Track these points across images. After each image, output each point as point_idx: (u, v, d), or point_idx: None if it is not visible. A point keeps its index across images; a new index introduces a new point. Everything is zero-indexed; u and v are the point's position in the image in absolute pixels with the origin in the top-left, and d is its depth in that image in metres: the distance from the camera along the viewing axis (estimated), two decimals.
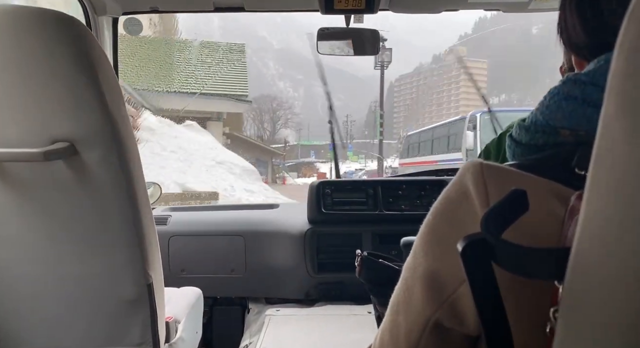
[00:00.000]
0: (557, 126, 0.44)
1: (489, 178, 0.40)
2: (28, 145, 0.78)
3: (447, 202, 0.43)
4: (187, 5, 1.49)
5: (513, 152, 0.48)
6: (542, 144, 0.44)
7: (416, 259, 0.45)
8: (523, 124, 0.47)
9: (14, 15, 0.74)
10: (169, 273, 1.67)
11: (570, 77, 0.45)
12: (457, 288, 0.40)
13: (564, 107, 0.44)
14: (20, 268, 0.88)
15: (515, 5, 1.40)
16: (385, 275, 0.77)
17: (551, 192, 0.38)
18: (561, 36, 0.54)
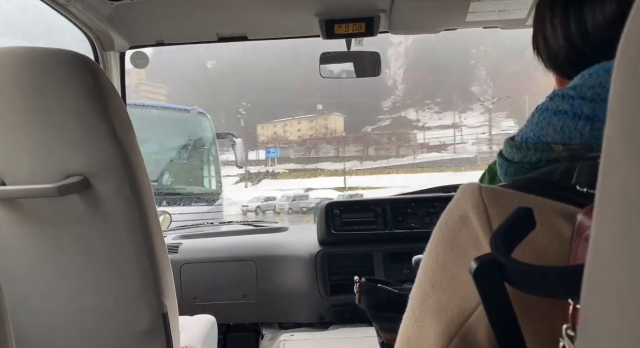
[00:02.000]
0: (549, 142, 0.44)
1: (489, 201, 0.39)
2: (42, 180, 0.80)
3: (446, 229, 0.43)
4: (192, 37, 1.53)
5: (505, 171, 0.47)
6: (535, 161, 0.44)
7: (423, 290, 0.44)
8: (513, 142, 0.47)
9: (31, 56, 0.77)
10: (182, 301, 1.67)
11: (557, 93, 0.45)
12: (467, 318, 0.39)
13: (554, 122, 0.44)
14: (37, 302, 0.89)
15: (514, 22, 1.43)
16: (385, 300, 0.77)
17: (554, 210, 0.38)
18: (539, 54, 0.53)
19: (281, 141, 8.67)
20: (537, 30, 0.53)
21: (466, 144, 13.60)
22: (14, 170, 0.81)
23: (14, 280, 0.87)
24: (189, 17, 1.39)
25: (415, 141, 13.21)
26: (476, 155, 13.43)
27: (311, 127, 10.24)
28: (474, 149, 13.54)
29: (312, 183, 7.64)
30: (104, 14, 1.29)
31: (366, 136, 12.36)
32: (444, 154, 13.06)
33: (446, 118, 14.23)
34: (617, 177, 0.22)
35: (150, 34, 1.47)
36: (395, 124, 13.08)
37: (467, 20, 1.41)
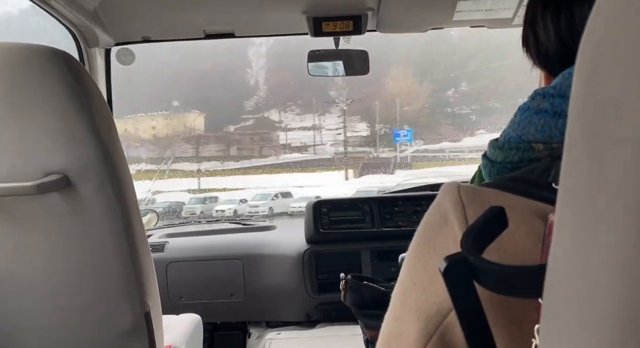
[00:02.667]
0: (530, 141, 0.44)
1: (466, 200, 0.39)
2: (21, 178, 0.79)
3: (428, 227, 0.43)
4: (178, 33, 1.51)
5: (489, 172, 0.48)
6: (517, 160, 0.44)
7: (405, 288, 0.44)
8: (496, 143, 0.47)
9: (9, 52, 0.76)
10: (168, 300, 1.66)
11: (538, 92, 0.46)
12: (445, 317, 0.40)
13: (535, 121, 0.44)
14: (17, 302, 0.88)
15: (500, 21, 1.44)
16: (371, 297, 0.77)
17: (530, 209, 0.38)
18: (529, 51, 0.53)
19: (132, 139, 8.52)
20: (528, 27, 0.52)
21: (325, 145, 14.01)
22: None
23: None
24: (176, 13, 1.38)
25: (277, 142, 13.24)
26: (333, 156, 13.85)
27: (167, 124, 10.15)
28: (332, 149, 14.00)
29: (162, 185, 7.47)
30: (88, 9, 1.27)
31: (228, 136, 12.37)
32: (305, 155, 13.24)
33: (307, 120, 14.49)
34: (576, 177, 0.22)
35: (136, 30, 1.45)
36: (258, 124, 13.20)
37: (454, 19, 1.42)
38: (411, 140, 15.87)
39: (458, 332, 0.39)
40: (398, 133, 15.63)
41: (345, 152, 14.88)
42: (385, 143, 15.37)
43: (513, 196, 0.39)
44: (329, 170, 12.74)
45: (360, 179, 12.52)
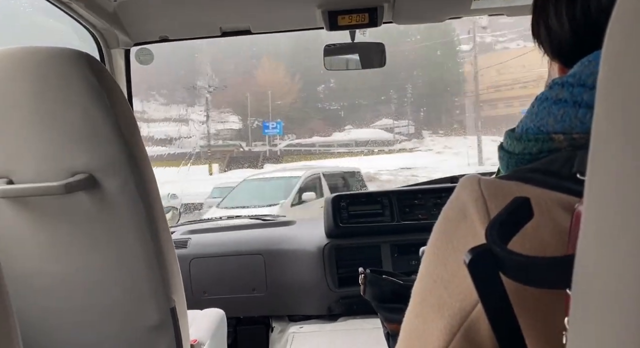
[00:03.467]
0: (549, 132, 0.43)
1: (488, 193, 0.39)
2: (49, 178, 0.81)
3: (446, 222, 0.42)
4: (196, 32, 1.53)
5: (507, 164, 0.46)
6: (536, 152, 0.43)
7: (425, 285, 0.43)
8: (513, 134, 0.46)
9: (34, 56, 0.78)
10: (192, 295, 1.69)
11: (556, 81, 0.44)
12: (469, 314, 0.39)
13: (554, 112, 0.43)
14: (47, 300, 0.90)
15: (519, 8, 1.40)
16: (390, 291, 0.77)
17: (554, 201, 0.37)
18: (541, 42, 0.51)
19: None
20: (539, 16, 0.50)
21: (191, 138, 13.64)
22: (22, 169, 0.82)
23: (23, 278, 0.88)
24: (192, 12, 1.39)
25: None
26: (199, 149, 13.46)
27: None
28: (198, 142, 13.63)
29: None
30: (107, 11, 1.30)
31: None
32: (167, 148, 12.79)
33: (172, 110, 14.20)
34: (604, 166, 0.22)
35: (154, 30, 1.47)
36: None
37: (472, 8, 1.39)
38: (280, 132, 15.61)
39: (483, 329, 0.39)
40: (267, 125, 15.44)
41: (209, 145, 14.58)
42: (257, 137, 15.22)
43: (535, 188, 0.38)
44: (194, 164, 12.40)
45: (226, 174, 12.20)
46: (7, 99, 0.79)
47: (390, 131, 19.48)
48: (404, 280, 0.77)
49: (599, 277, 0.24)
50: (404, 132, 20.27)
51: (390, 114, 21.54)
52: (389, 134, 19.14)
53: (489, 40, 37.21)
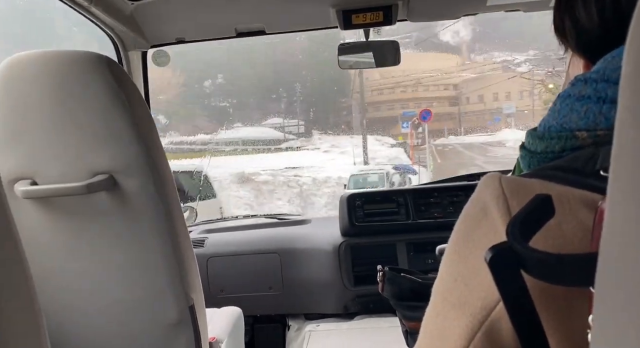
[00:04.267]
0: (572, 129, 0.42)
1: (509, 192, 0.38)
2: (70, 179, 0.83)
3: (468, 221, 0.42)
4: (211, 33, 1.54)
5: (528, 163, 0.46)
6: (559, 150, 0.42)
7: (445, 284, 0.43)
8: (535, 133, 0.45)
9: (57, 60, 0.80)
10: (209, 294, 1.71)
11: (579, 78, 0.43)
12: (490, 312, 0.38)
13: (577, 108, 0.42)
14: (70, 297, 0.92)
15: (537, 4, 1.38)
16: (409, 289, 0.76)
17: (577, 199, 0.37)
18: (565, 38, 0.50)
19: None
20: (564, 9, 0.49)
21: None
22: (45, 170, 0.84)
23: (47, 276, 0.90)
24: (208, 13, 1.41)
25: None
26: None
27: None
28: None
29: None
30: (125, 14, 1.32)
31: None
32: None
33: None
34: (629, 162, 0.21)
35: (171, 32, 1.49)
36: None
37: (488, 5, 1.38)
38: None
39: (504, 327, 0.38)
40: None
41: None
42: None
43: (558, 186, 0.38)
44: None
45: None
46: (30, 102, 0.81)
47: (281, 130, 19.14)
48: (423, 278, 0.77)
49: (623, 275, 0.24)
50: (294, 131, 20.10)
51: (281, 112, 21.34)
52: (279, 133, 18.80)
53: None
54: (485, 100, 37.88)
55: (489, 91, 37.06)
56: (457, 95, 39.09)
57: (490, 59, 39.44)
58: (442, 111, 39.15)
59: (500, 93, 36.60)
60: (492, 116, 36.22)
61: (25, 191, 0.83)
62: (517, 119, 34.79)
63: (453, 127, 37.93)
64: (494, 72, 39.27)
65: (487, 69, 40.35)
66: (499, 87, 36.61)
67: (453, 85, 39.36)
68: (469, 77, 39.95)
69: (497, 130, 32.54)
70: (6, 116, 0.81)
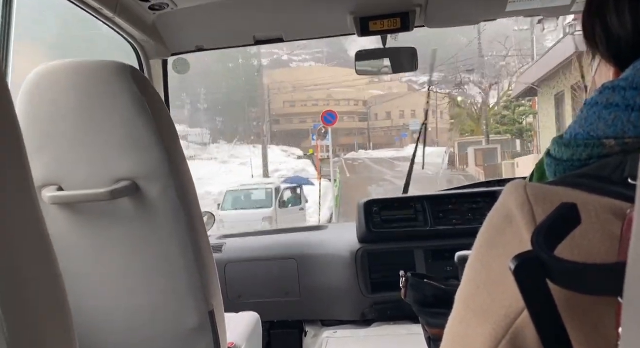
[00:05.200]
0: (600, 136, 0.41)
1: (534, 199, 0.38)
2: (95, 184, 0.85)
3: (491, 228, 0.42)
4: (230, 41, 1.56)
5: (554, 171, 0.46)
6: (585, 157, 0.42)
7: (468, 290, 0.43)
8: (561, 140, 0.45)
9: (82, 69, 0.82)
10: (227, 299, 1.72)
11: (607, 85, 0.43)
12: (514, 320, 0.38)
13: (605, 116, 0.41)
14: (94, 301, 0.94)
15: (557, 9, 1.37)
16: (432, 295, 0.76)
17: (604, 207, 0.36)
18: (595, 45, 0.49)
19: None
20: (594, 15, 0.48)
21: None
22: (71, 176, 0.86)
23: (71, 280, 0.92)
24: (227, 22, 1.43)
25: None
26: None
27: None
28: None
29: None
30: (146, 23, 1.35)
31: None
32: None
33: None
34: None
35: (191, 40, 1.52)
36: None
37: (507, 10, 1.37)
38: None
39: (529, 336, 0.38)
40: None
41: None
42: None
43: (584, 193, 0.37)
44: None
45: None
46: (57, 110, 0.83)
47: (184, 139, 19.07)
48: (446, 285, 0.77)
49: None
50: (197, 141, 19.79)
51: (184, 120, 20.99)
52: (182, 141, 18.82)
53: (285, 58, 37.20)
54: (393, 117, 39.05)
55: (396, 108, 38.42)
56: (367, 110, 39.89)
57: (397, 79, 39.51)
58: (353, 126, 39.54)
59: (406, 110, 37.95)
60: (399, 132, 37.45)
61: (52, 197, 0.85)
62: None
63: (363, 142, 38.38)
64: (400, 90, 39.43)
65: (394, 86, 40.21)
66: (405, 104, 37.86)
67: (363, 101, 40.38)
68: (377, 93, 40.29)
69: (404, 145, 33.48)
70: (35, 124, 0.84)
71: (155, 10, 1.29)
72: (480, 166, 18.93)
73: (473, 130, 25.96)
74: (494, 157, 19.39)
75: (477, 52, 23.41)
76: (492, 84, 25.33)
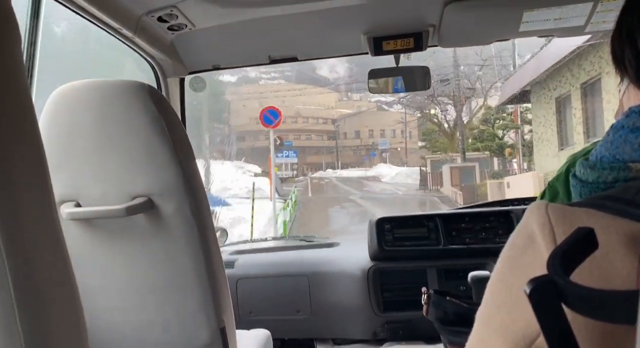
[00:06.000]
0: (626, 160, 0.42)
1: (555, 220, 0.38)
2: (111, 201, 0.86)
3: (513, 248, 0.42)
4: (246, 60, 1.60)
5: (579, 192, 0.46)
6: (611, 180, 0.42)
7: (489, 310, 0.43)
8: (587, 163, 0.45)
9: (101, 89, 0.85)
10: (238, 315, 1.71)
11: (634, 110, 0.43)
12: (533, 341, 0.38)
13: (631, 140, 0.42)
14: (108, 316, 0.95)
15: (571, 29, 1.37)
16: (454, 313, 0.75)
17: (626, 230, 0.36)
18: (624, 68, 0.48)
19: None
20: (625, 38, 0.48)
21: None
22: (88, 193, 0.88)
23: (86, 296, 0.93)
24: (243, 42, 1.46)
25: None
26: None
27: None
28: None
29: None
30: (165, 43, 1.38)
31: None
32: None
33: None
34: None
35: (208, 59, 1.55)
36: None
37: (520, 31, 1.38)
38: None
39: None
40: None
41: None
42: None
43: (606, 215, 0.37)
44: None
45: None
46: (76, 129, 0.85)
47: None
48: (468, 303, 0.76)
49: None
50: None
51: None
52: None
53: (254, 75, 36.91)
54: (362, 136, 38.76)
55: (365, 127, 38.25)
56: (336, 129, 39.57)
57: (366, 98, 39.13)
58: (321, 144, 39.12)
59: (375, 130, 38.04)
60: (369, 152, 37.34)
61: (70, 213, 0.87)
62: (391, 156, 35.67)
63: (331, 161, 37.90)
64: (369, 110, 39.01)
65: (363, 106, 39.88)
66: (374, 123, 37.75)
67: (332, 119, 39.98)
68: (346, 112, 40.01)
69: (374, 164, 33.43)
70: (56, 141, 0.86)
71: (174, 30, 1.32)
72: (457, 186, 17.08)
73: (447, 148, 24.79)
74: (471, 176, 17.57)
75: (453, 61, 21.97)
76: (468, 97, 23.80)
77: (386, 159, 35.66)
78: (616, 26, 0.50)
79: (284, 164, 30.51)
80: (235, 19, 1.28)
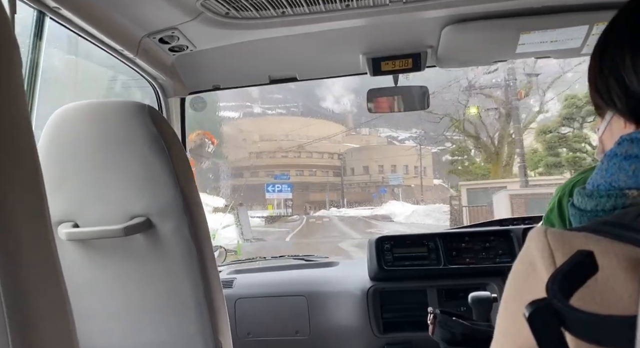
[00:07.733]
0: (622, 187, 0.43)
1: (554, 244, 0.38)
2: (109, 221, 0.86)
3: (516, 276, 0.42)
4: (246, 80, 1.61)
5: (579, 221, 0.46)
6: (609, 208, 0.43)
7: (497, 338, 0.43)
8: (584, 191, 0.46)
9: (101, 110, 0.86)
10: (236, 336, 1.69)
11: (625, 138, 0.44)
12: None
13: (625, 167, 0.43)
14: (104, 338, 0.93)
15: (567, 51, 1.39)
16: (460, 334, 0.74)
17: (625, 254, 0.36)
18: (608, 98, 0.49)
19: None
20: (608, 73, 0.48)
21: None
22: (86, 213, 0.88)
23: (82, 317, 0.92)
24: (243, 62, 1.48)
25: None
26: None
27: None
28: None
29: None
30: (166, 64, 1.40)
31: None
32: None
33: None
34: None
35: (208, 80, 1.57)
36: None
37: (517, 52, 1.40)
38: None
39: None
40: None
41: None
42: None
43: (605, 239, 0.37)
44: None
45: None
46: (76, 149, 0.86)
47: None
48: (474, 324, 0.75)
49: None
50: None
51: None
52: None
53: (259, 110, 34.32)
54: (371, 172, 35.17)
55: (374, 162, 34.78)
56: (342, 164, 36.28)
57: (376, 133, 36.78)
58: (326, 181, 35.58)
59: (385, 164, 34.58)
60: (378, 188, 33.83)
61: (68, 233, 0.86)
62: (404, 193, 31.84)
63: (336, 198, 34.55)
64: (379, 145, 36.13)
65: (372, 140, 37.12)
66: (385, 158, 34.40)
67: (338, 154, 36.74)
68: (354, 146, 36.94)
69: (384, 202, 29.53)
70: (55, 162, 0.86)
71: (175, 52, 1.34)
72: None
73: (489, 172, 17.40)
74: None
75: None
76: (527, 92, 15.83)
77: (399, 196, 31.52)
78: (595, 62, 0.51)
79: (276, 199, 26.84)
80: (235, 40, 1.30)
